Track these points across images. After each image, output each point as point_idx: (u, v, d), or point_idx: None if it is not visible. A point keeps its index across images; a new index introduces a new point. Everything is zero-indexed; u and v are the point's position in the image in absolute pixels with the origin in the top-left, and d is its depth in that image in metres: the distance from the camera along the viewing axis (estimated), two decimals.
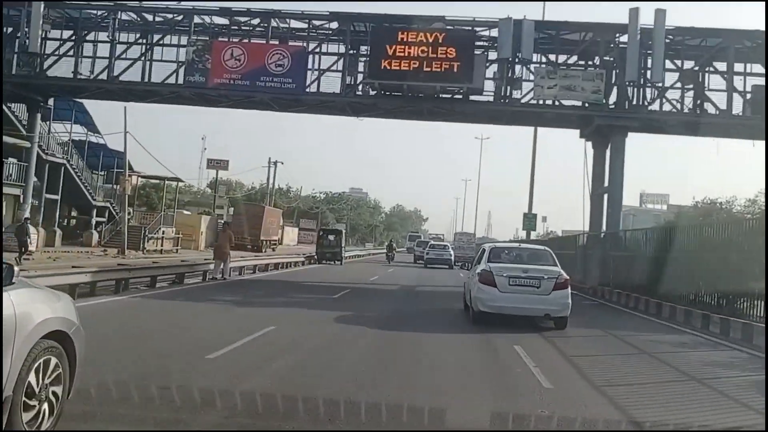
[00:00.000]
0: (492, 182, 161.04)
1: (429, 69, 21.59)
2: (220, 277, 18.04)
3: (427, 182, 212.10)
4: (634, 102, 22.30)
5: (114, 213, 35.59)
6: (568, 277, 11.40)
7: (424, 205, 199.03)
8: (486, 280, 10.90)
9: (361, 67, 23.14)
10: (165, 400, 4.97)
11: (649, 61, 21.96)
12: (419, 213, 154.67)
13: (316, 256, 33.07)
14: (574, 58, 23.12)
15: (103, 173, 37.32)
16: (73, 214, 38.31)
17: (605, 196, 23.54)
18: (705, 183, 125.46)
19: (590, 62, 23.22)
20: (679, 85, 22.64)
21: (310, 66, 23.18)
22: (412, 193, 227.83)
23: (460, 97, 22.73)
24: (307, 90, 22.88)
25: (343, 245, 34.15)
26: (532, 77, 22.63)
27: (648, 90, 22.47)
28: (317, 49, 23.52)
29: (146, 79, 23.28)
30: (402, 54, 21.72)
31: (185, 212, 45.86)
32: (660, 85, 22.29)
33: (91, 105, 31.37)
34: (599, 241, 22.92)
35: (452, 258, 37.59)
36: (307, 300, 14.69)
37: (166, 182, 43.81)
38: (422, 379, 6.60)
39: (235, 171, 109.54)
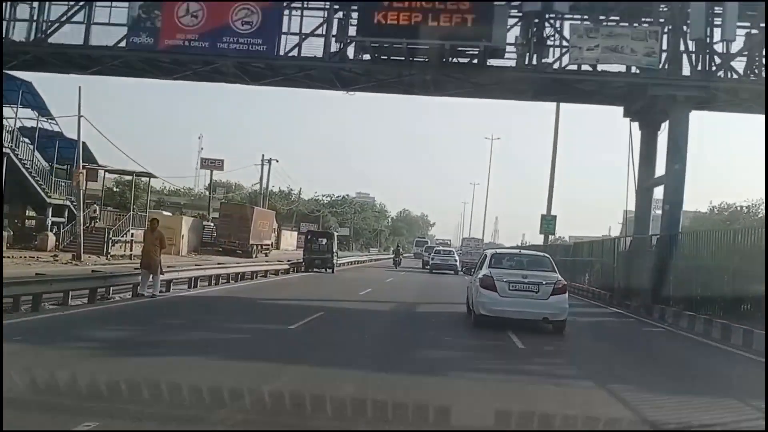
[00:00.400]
0: (500, 185, 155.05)
1: (435, 23, 16.75)
2: (149, 293, 13.20)
3: (434, 185, 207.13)
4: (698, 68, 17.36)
5: (75, 212, 30.95)
6: (565, 283, 11.80)
7: (431, 210, 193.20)
8: (487, 284, 11.21)
9: (352, 31, 18.29)
10: None
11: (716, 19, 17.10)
12: (426, 218, 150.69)
13: (303, 263, 28.30)
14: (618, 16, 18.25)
15: (65, 167, 32.61)
16: (33, 213, 33.73)
17: (657, 190, 18.75)
18: (719, 185, 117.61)
19: (635, 24, 18.30)
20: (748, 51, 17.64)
21: (286, 29, 18.39)
22: (418, 198, 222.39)
23: (476, 62, 17.82)
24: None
25: (334, 250, 29.26)
26: (565, 42, 17.75)
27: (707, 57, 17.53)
28: (296, 4, 18.69)
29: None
30: (401, 5, 16.91)
31: (164, 213, 41.12)
32: (723, 51, 17.38)
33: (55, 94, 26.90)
34: (650, 246, 17.99)
35: (457, 263, 35.89)
36: (243, 336, 9.56)
37: (142, 179, 39.31)
38: None
39: (234, 171, 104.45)
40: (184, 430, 4.27)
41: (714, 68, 17.40)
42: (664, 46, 17.48)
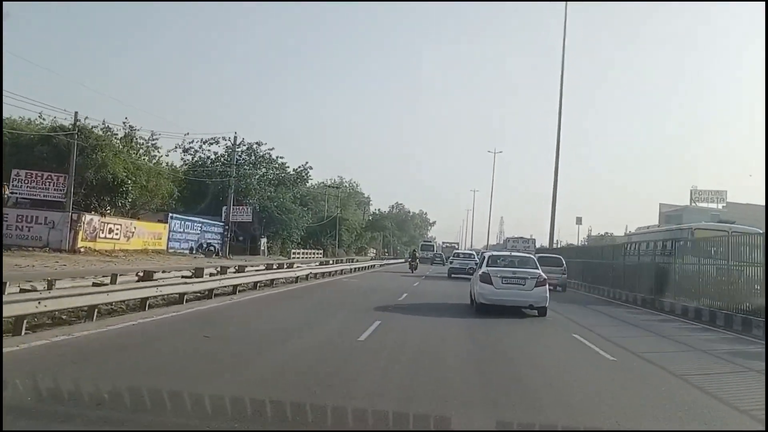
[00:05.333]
0: (503, 187, 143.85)
1: None
2: None
3: (433, 181, 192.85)
4: None
5: None
6: (546, 277, 15.07)
7: (428, 206, 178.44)
8: (485, 279, 14.64)
9: None
10: None
11: None
12: (425, 215, 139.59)
13: None
14: None
15: None
16: None
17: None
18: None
19: None
20: None
21: None
22: (415, 193, 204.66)
23: None
24: None
25: None
26: None
27: None
28: None
29: None
30: None
31: None
32: None
33: None
34: None
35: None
36: None
37: None
38: None
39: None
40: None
41: None
42: None
